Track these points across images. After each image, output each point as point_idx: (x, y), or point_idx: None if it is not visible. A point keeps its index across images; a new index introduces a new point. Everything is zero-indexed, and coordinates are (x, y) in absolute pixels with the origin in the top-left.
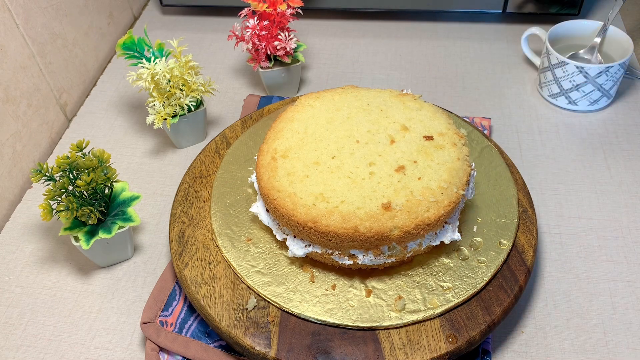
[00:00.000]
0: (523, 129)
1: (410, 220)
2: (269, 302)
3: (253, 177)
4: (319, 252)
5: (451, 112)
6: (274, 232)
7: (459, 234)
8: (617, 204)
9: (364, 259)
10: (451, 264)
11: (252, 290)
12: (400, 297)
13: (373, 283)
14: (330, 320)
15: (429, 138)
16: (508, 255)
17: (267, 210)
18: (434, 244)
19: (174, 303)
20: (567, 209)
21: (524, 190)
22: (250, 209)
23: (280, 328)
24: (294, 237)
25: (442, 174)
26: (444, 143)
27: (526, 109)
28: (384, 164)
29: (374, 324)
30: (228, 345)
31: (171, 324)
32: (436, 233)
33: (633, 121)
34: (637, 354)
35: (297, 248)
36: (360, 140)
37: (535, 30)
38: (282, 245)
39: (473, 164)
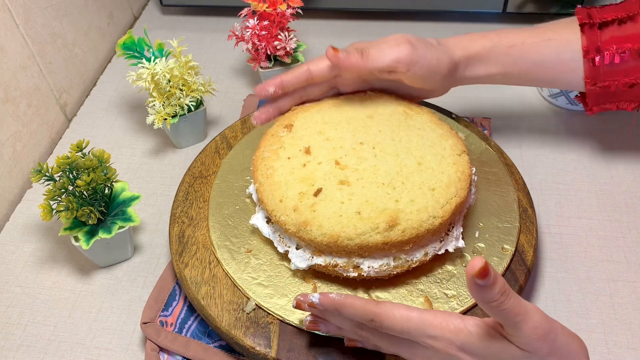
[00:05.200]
0: (523, 129)
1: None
2: (271, 314)
3: (251, 188)
4: (322, 264)
5: (451, 112)
6: (275, 245)
7: (463, 242)
8: (617, 204)
9: (369, 270)
10: (455, 271)
11: (254, 301)
12: None
13: (377, 292)
14: None
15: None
16: (511, 260)
17: (267, 222)
18: (439, 253)
19: (174, 303)
20: (567, 209)
21: (524, 190)
22: (250, 221)
23: (280, 328)
24: (297, 249)
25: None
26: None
27: (526, 109)
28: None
29: None
30: (228, 345)
31: (171, 324)
32: (441, 241)
33: (633, 121)
34: (637, 354)
35: (300, 260)
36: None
37: None
38: (283, 256)
39: (474, 168)
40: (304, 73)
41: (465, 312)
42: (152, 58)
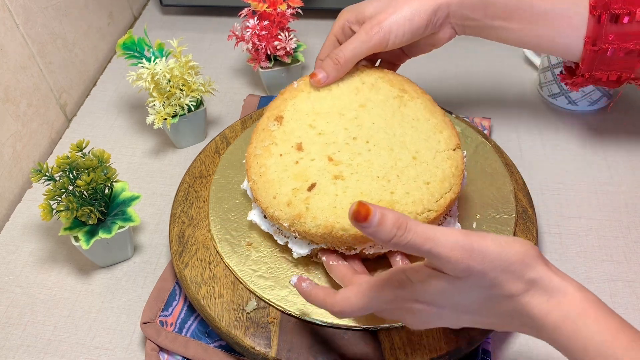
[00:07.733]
0: (523, 129)
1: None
2: (272, 305)
3: (245, 185)
4: (324, 246)
5: (451, 112)
6: (275, 238)
7: (459, 225)
8: (617, 204)
9: (371, 249)
10: None
11: (255, 294)
12: None
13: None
14: (333, 321)
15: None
16: None
17: (265, 217)
18: None
19: (174, 303)
20: (567, 209)
21: (523, 190)
22: (248, 217)
23: (280, 328)
24: (296, 237)
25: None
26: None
27: (526, 109)
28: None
29: (375, 325)
30: (228, 345)
31: (171, 324)
32: (440, 224)
33: (633, 121)
34: None
35: (301, 247)
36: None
37: None
38: (284, 248)
39: (464, 151)
40: None
41: None
42: (152, 58)
